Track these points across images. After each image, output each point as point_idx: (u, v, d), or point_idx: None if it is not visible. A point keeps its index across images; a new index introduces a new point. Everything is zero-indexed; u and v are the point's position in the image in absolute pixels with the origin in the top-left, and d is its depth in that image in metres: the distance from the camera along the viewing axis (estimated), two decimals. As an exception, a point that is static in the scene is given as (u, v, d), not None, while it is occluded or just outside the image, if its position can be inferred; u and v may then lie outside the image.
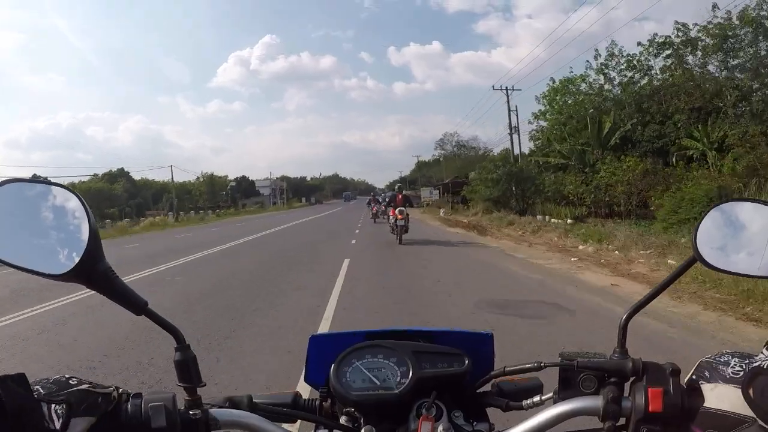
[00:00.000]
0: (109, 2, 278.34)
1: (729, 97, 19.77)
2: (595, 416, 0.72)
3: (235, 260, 12.79)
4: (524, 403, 0.82)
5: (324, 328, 5.51)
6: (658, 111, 22.90)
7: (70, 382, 0.67)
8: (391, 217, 15.71)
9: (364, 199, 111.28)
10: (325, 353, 0.89)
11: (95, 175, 69.09)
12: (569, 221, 20.01)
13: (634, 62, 26.35)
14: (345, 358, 0.85)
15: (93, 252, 0.64)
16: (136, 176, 73.75)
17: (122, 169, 71.10)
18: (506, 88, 34.06)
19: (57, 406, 0.63)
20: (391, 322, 5.54)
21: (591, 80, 28.72)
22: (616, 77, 27.01)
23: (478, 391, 0.89)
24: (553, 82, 31.63)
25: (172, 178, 55.05)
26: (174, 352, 0.73)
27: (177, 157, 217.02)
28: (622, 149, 24.24)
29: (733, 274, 0.73)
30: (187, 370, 0.73)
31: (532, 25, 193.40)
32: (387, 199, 18.49)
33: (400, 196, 15.79)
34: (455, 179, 45.95)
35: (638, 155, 22.42)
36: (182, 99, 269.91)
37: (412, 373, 0.82)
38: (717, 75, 21.26)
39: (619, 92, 26.38)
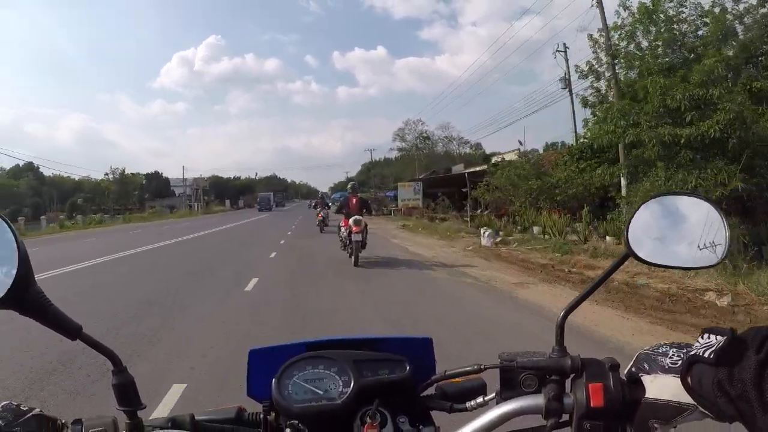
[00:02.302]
0: None
1: None
2: (539, 414, 0.75)
3: None
4: (468, 404, 0.85)
5: None
6: None
7: (21, 408, 0.70)
8: (342, 229, 12.22)
9: (300, 204, 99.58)
10: (265, 366, 0.91)
11: (1, 169, 66.91)
12: None
13: None
14: (286, 371, 0.88)
15: (24, 276, 0.65)
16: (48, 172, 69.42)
17: (31, 163, 66.87)
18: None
19: None
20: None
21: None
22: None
23: (422, 395, 0.92)
24: (625, 8, 20.59)
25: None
26: (111, 376, 0.75)
27: (117, 158, 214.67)
28: None
29: (666, 267, 0.79)
30: (126, 393, 0.76)
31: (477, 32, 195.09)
32: (337, 204, 14.75)
33: (354, 200, 12.08)
34: (434, 173, 36.00)
35: None
36: (125, 98, 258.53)
37: (354, 382, 0.86)
38: None
39: None
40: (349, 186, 12.88)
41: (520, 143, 32.94)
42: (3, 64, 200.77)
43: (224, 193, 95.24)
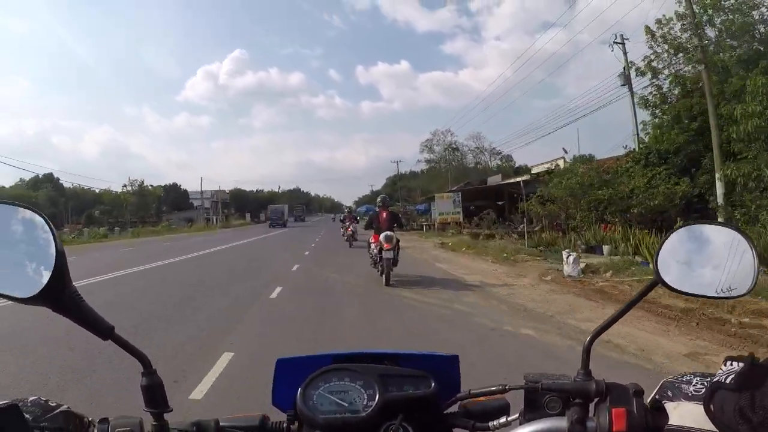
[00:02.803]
0: (77, 9, 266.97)
1: None
2: None
3: None
4: (491, 424, 0.84)
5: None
6: None
7: (50, 404, 0.72)
8: (372, 245, 11.04)
9: (323, 219, 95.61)
10: (291, 376, 0.91)
11: (21, 180, 65.43)
12: None
13: None
14: (312, 382, 0.89)
15: (60, 274, 0.65)
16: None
17: (51, 174, 66.31)
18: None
19: None
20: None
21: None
22: None
23: (445, 412, 0.91)
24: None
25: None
26: (141, 378, 0.76)
27: (143, 171, 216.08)
28: None
29: (694, 295, 0.80)
30: (154, 395, 0.76)
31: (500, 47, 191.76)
32: (366, 219, 12.83)
33: (384, 214, 10.99)
34: (469, 185, 32.06)
35: None
36: (150, 111, 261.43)
37: (379, 396, 0.86)
38: None
39: None
40: (378, 199, 11.79)
41: (565, 151, 29.15)
42: (29, 77, 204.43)
43: (246, 206, 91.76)
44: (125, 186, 71.69)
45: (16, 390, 3.99)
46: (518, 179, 29.35)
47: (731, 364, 0.67)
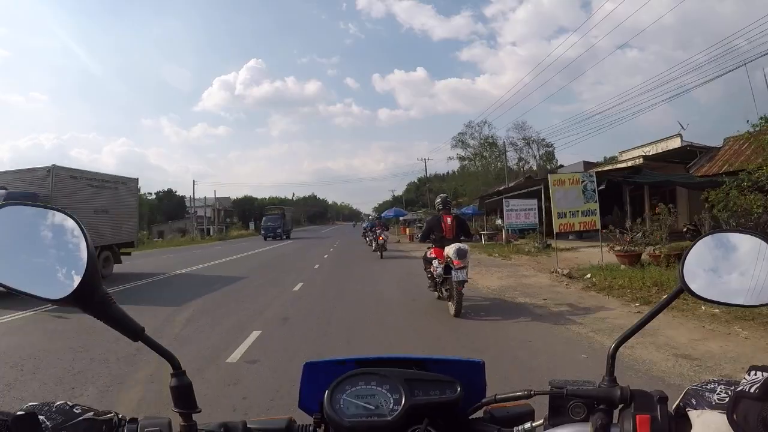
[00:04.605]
0: (94, 24, 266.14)
1: None
2: None
3: None
4: (515, 429, 0.83)
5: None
6: None
7: (74, 410, 0.70)
8: (435, 263, 7.70)
9: (339, 228, 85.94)
10: (318, 380, 0.90)
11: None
12: None
13: None
14: (339, 385, 0.87)
15: (92, 276, 0.65)
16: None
17: None
18: None
19: None
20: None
21: None
22: None
23: (470, 417, 0.90)
24: None
25: None
26: (170, 378, 0.75)
27: (160, 182, 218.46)
28: None
29: (720, 303, 0.77)
30: (183, 396, 0.75)
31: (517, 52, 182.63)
32: (424, 226, 9.03)
33: (449, 220, 7.97)
34: (530, 179, 22.93)
35: None
36: (167, 122, 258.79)
37: (405, 401, 0.84)
38: None
39: None
40: (438, 200, 8.29)
41: (682, 126, 20.07)
42: (47, 92, 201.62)
43: (252, 214, 79.81)
44: (121, 193, 65.23)
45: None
46: (620, 165, 19.79)
47: (755, 374, 0.66)
